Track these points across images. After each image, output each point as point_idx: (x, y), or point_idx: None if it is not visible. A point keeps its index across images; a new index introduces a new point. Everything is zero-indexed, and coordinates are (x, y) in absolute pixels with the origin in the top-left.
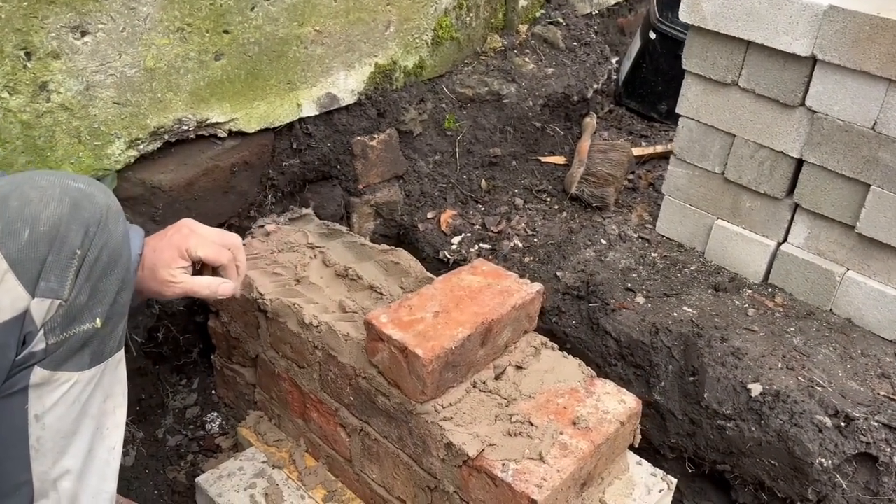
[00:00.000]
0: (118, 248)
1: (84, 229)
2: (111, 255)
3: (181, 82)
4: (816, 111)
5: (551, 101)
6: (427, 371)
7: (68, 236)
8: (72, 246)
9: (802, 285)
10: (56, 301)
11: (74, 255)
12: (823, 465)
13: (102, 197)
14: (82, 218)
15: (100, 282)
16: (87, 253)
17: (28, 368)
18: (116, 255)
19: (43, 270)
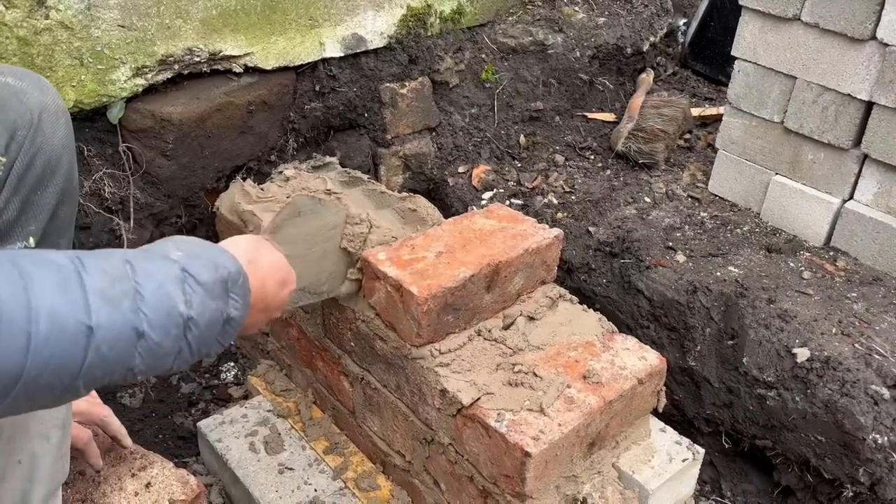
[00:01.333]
0: (56, 154)
1: (9, 132)
2: (47, 162)
3: (191, 9)
4: (889, 44)
5: (601, 52)
6: (422, 311)
7: None
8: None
9: (869, 247)
10: None
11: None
12: (878, 441)
13: (36, 95)
14: (6, 119)
15: (32, 194)
16: (13, 161)
17: None
18: (54, 163)
19: None
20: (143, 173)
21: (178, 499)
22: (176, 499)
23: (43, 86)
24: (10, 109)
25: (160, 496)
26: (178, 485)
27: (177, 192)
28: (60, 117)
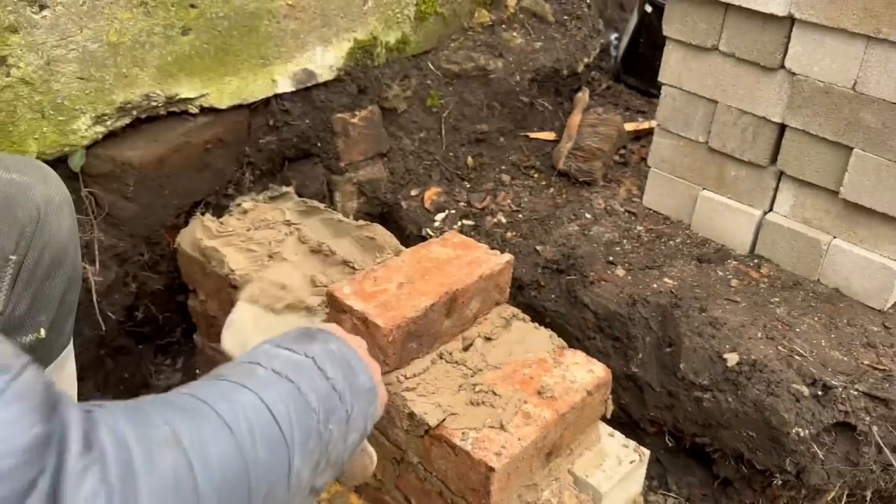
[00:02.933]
0: (62, 245)
1: (18, 231)
2: (54, 254)
3: (147, 57)
4: (796, 73)
5: (539, 75)
6: (388, 341)
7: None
8: (3, 252)
9: (789, 255)
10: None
11: (8, 263)
12: (800, 434)
13: (41, 188)
14: (15, 218)
15: (42, 286)
16: (24, 258)
17: None
18: (61, 253)
19: None
20: (106, 216)
21: None
22: None
23: (46, 177)
24: (17, 207)
25: None
26: None
27: (139, 231)
28: (65, 207)
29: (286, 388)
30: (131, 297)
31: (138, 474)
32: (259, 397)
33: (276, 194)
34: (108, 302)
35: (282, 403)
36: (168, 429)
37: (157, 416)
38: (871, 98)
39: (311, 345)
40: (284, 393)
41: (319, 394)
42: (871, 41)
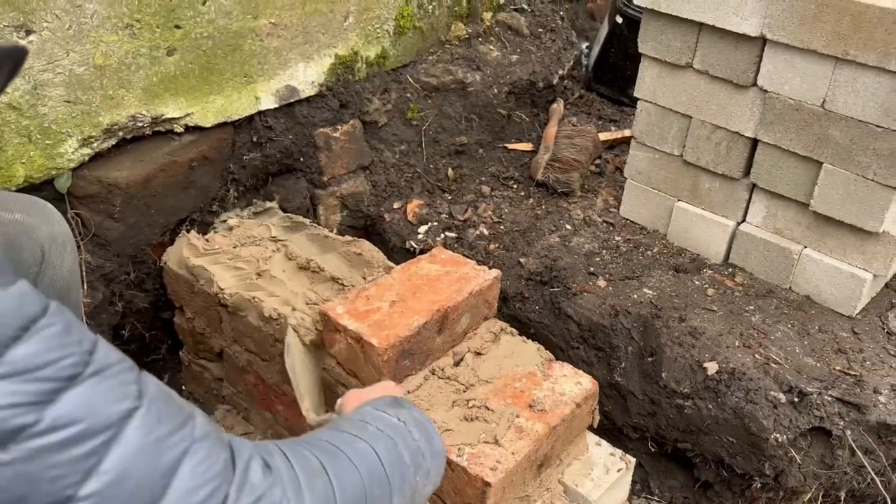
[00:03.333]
0: (65, 282)
1: (24, 272)
2: (57, 293)
3: (133, 79)
4: (768, 91)
5: (516, 88)
6: (382, 360)
7: None
8: None
9: (761, 264)
10: None
11: None
12: (778, 440)
13: (44, 228)
14: (20, 259)
15: None
16: None
17: None
18: (65, 290)
19: None
20: (93, 236)
21: None
22: None
23: (48, 215)
24: (21, 249)
25: None
26: None
27: (125, 251)
28: (67, 245)
29: (389, 444)
30: (118, 316)
31: (303, 492)
32: (372, 447)
33: (261, 209)
34: (96, 322)
35: (386, 453)
36: (318, 462)
37: (308, 453)
38: (839, 115)
39: (401, 410)
40: (388, 446)
41: (410, 450)
42: (839, 62)
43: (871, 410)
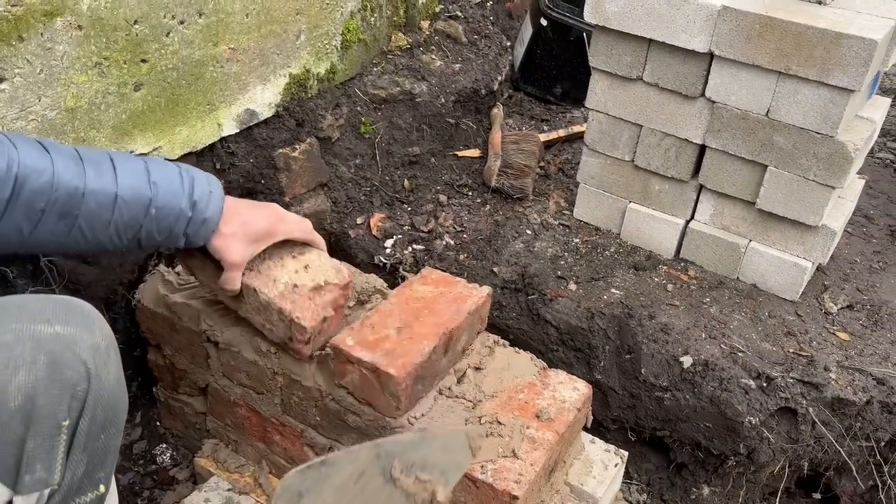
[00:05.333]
0: (113, 395)
1: (70, 393)
2: (107, 408)
3: (103, 118)
4: (716, 101)
5: (462, 96)
6: (401, 388)
7: (48, 407)
8: (55, 419)
9: (711, 258)
10: (47, 490)
11: (60, 430)
12: (752, 422)
13: (86, 338)
14: (64, 379)
15: (97, 443)
16: (77, 421)
17: None
18: (114, 401)
19: (23, 458)
20: (66, 283)
21: (332, 281)
22: (330, 281)
23: (89, 322)
24: (65, 367)
25: (317, 276)
26: (332, 270)
27: (98, 293)
28: (111, 352)
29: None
30: None
31: None
32: None
33: None
34: None
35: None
36: None
37: None
38: (783, 123)
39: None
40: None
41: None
42: (781, 76)
43: (827, 388)
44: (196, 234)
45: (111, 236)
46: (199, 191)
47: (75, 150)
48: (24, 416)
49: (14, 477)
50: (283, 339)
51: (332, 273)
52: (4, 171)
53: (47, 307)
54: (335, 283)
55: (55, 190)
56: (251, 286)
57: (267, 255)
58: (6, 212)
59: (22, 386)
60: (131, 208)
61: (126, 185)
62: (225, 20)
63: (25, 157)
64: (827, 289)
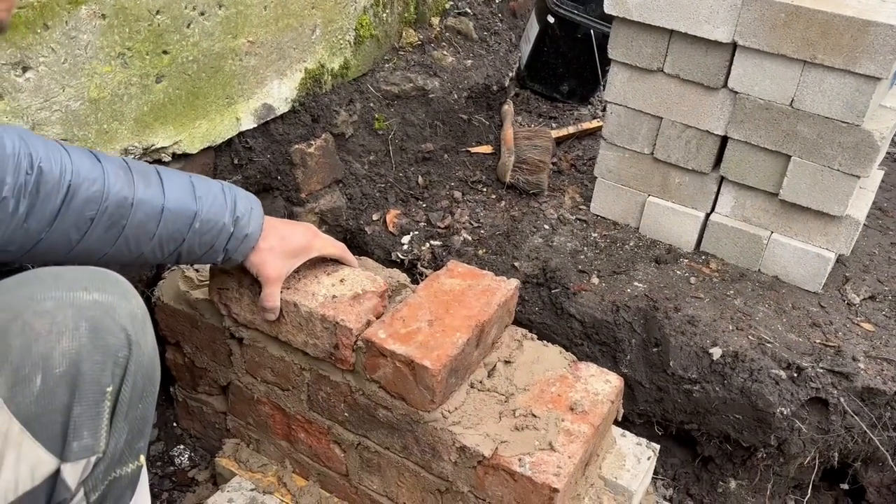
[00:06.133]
0: (151, 363)
1: (112, 360)
2: (146, 376)
3: (125, 110)
4: (739, 92)
5: (474, 92)
6: (437, 381)
7: (93, 373)
8: (100, 385)
9: (732, 250)
10: (93, 457)
11: (105, 396)
12: (784, 413)
13: (123, 305)
14: (107, 345)
15: (136, 411)
16: (119, 388)
17: None
18: (150, 371)
19: (70, 424)
20: None
21: (370, 290)
22: (367, 290)
23: (125, 290)
24: (106, 332)
25: (354, 286)
26: (367, 281)
27: None
28: (147, 321)
29: None
30: None
31: None
32: None
33: None
34: None
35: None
36: None
37: None
38: (807, 113)
39: None
40: None
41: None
42: (807, 65)
43: (857, 378)
44: (236, 250)
45: (154, 248)
46: (242, 207)
47: (124, 161)
48: (69, 383)
49: (61, 445)
50: (328, 351)
51: (367, 283)
52: (58, 178)
53: (83, 276)
54: (373, 290)
55: (105, 199)
56: (291, 301)
57: (302, 275)
58: (57, 219)
59: (66, 352)
60: (177, 221)
61: (173, 198)
62: (244, 12)
63: (79, 165)
64: (848, 280)
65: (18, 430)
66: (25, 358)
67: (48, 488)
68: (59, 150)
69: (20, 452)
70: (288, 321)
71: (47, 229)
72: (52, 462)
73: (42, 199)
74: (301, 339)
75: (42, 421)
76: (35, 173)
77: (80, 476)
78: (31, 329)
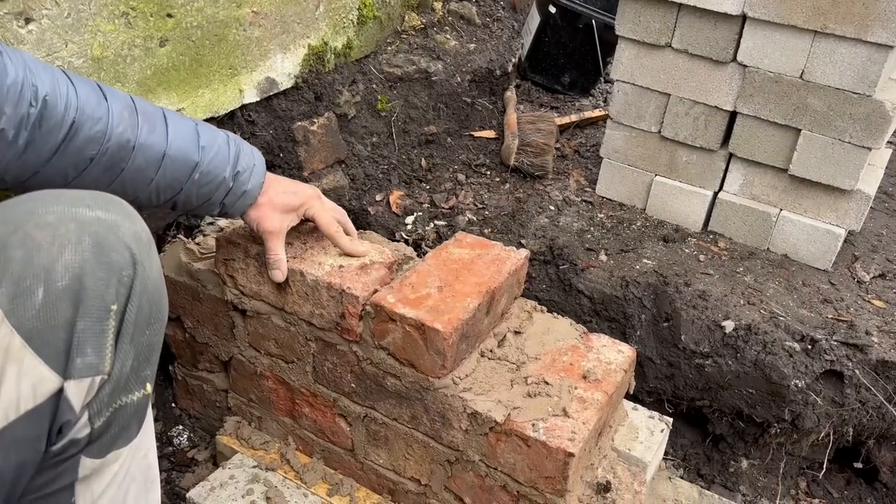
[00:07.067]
0: (157, 288)
1: (116, 277)
2: (151, 301)
3: (128, 72)
4: (748, 66)
5: (477, 76)
6: (448, 344)
7: (97, 288)
8: (104, 301)
9: (741, 229)
10: (98, 377)
11: (109, 314)
12: (798, 385)
13: (128, 225)
14: (111, 262)
15: (143, 337)
16: (125, 307)
17: (72, 459)
18: (157, 298)
19: (73, 340)
20: None
21: (377, 260)
22: (375, 260)
23: (128, 212)
24: (110, 249)
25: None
26: (375, 252)
27: None
28: (152, 246)
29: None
30: None
31: None
32: None
33: None
34: None
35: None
36: None
37: None
38: (818, 85)
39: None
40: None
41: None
42: (817, 35)
43: (871, 350)
44: (233, 205)
45: (150, 193)
46: (244, 162)
47: (131, 100)
48: (72, 297)
49: (64, 362)
50: (334, 321)
51: (375, 254)
52: (62, 114)
53: (86, 195)
54: (380, 261)
55: (108, 140)
56: (297, 270)
57: (309, 245)
58: (56, 155)
59: (69, 265)
60: (177, 170)
61: (175, 146)
62: None
63: (84, 101)
64: (857, 259)
65: (20, 345)
66: (27, 269)
67: (51, 408)
68: (65, 83)
69: (21, 368)
70: (294, 290)
71: (45, 164)
72: (55, 380)
73: (43, 134)
74: (307, 309)
75: (44, 336)
76: (39, 106)
77: (84, 397)
78: (32, 241)
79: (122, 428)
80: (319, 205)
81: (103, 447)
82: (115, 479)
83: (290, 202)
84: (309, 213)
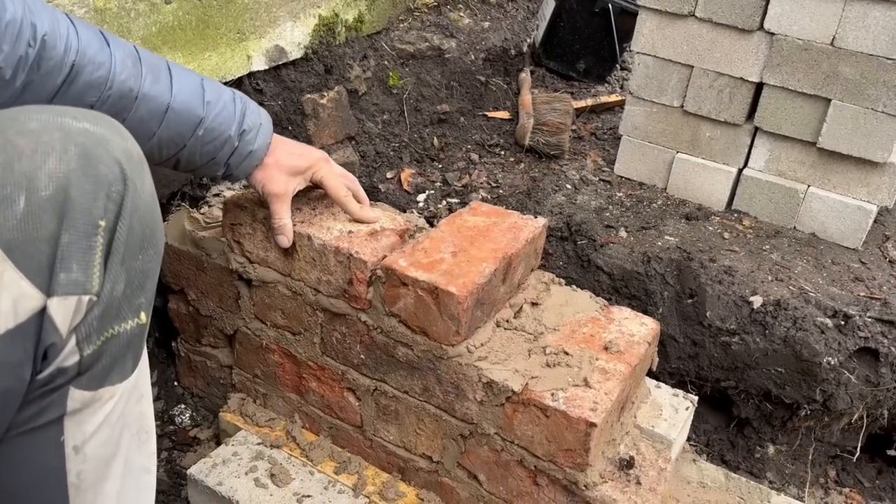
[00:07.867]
0: (150, 210)
1: (105, 192)
2: (144, 224)
3: (132, 27)
4: (775, 33)
5: (491, 54)
6: (462, 309)
7: (83, 202)
8: (91, 216)
9: (766, 207)
10: (85, 297)
11: (97, 230)
12: (830, 363)
13: (118, 141)
14: (98, 175)
15: (135, 262)
16: (115, 225)
17: (60, 390)
18: (150, 221)
19: (57, 255)
20: None
21: (388, 227)
22: (386, 227)
23: (119, 129)
24: (98, 161)
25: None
26: (386, 218)
27: None
28: (144, 164)
29: None
30: None
31: None
32: None
33: None
34: None
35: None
36: None
37: None
38: (849, 52)
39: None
40: None
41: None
42: None
43: None
44: (238, 166)
45: (151, 148)
46: (250, 121)
47: (135, 49)
48: (56, 208)
49: (48, 277)
50: (342, 287)
51: (387, 221)
52: (61, 56)
53: (72, 108)
54: (391, 228)
55: (109, 87)
56: (305, 234)
57: (319, 211)
58: (54, 99)
59: (53, 174)
60: (180, 124)
61: (180, 99)
62: None
63: (86, 45)
64: (889, 238)
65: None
66: (7, 176)
67: (35, 329)
68: (66, 24)
69: (1, 282)
70: (301, 256)
71: None
72: (38, 297)
73: (42, 76)
74: (314, 275)
75: (26, 249)
76: (38, 47)
77: (70, 319)
78: (13, 147)
79: (114, 359)
80: (328, 168)
81: (94, 379)
82: (107, 419)
83: (298, 164)
84: (317, 177)
